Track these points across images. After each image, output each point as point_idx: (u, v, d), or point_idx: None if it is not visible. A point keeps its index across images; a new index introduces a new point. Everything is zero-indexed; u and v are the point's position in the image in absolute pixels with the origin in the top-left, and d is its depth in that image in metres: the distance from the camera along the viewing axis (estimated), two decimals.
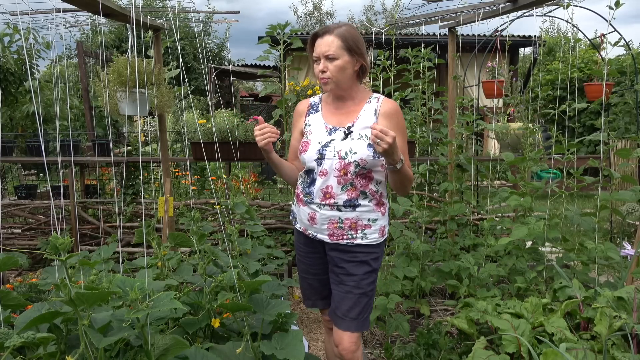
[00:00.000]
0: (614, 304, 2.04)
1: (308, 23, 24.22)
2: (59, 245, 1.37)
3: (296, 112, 2.08)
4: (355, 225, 1.89)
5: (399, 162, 1.76)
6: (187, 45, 12.91)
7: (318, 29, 1.90)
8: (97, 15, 2.85)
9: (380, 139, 1.65)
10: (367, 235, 1.90)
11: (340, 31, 1.83)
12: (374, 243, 1.92)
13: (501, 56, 4.41)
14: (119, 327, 1.48)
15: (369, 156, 1.83)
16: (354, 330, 1.91)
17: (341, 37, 1.82)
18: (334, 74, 1.85)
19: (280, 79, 3.70)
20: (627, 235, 4.91)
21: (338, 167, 1.85)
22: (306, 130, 1.99)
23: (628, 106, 6.39)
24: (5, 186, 5.83)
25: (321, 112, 1.99)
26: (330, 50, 1.82)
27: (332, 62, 1.83)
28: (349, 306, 1.90)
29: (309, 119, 2.00)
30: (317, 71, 1.88)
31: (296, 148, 2.02)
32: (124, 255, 3.52)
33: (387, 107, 1.90)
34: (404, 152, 1.87)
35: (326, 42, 1.83)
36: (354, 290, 1.89)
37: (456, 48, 3.66)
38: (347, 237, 1.90)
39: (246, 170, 6.96)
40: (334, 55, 1.82)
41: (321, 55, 1.84)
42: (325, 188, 1.87)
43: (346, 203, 1.87)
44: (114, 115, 3.11)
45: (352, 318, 1.90)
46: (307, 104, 2.05)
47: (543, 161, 3.23)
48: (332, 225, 1.90)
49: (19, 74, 5.10)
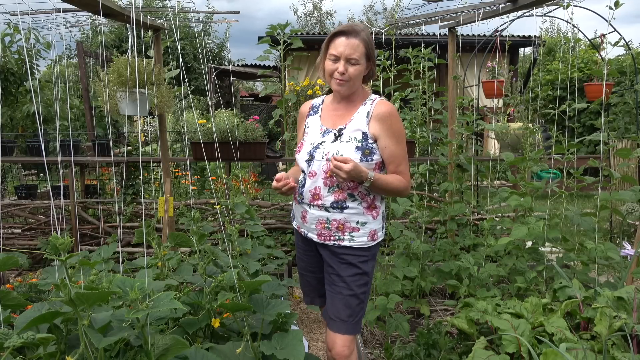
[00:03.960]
0: (614, 304, 2.04)
1: (308, 23, 24.22)
2: (59, 245, 1.37)
3: (300, 114, 2.10)
4: (342, 227, 1.88)
5: (367, 180, 1.79)
6: (187, 45, 12.91)
7: (343, 26, 1.84)
8: (97, 15, 2.85)
9: (339, 168, 1.72)
10: (355, 237, 1.89)
11: (364, 36, 1.81)
12: (362, 246, 1.90)
13: (501, 56, 4.41)
14: (119, 327, 1.48)
15: (355, 159, 1.80)
16: (345, 333, 1.90)
17: (365, 44, 1.81)
18: (352, 77, 1.83)
19: (280, 79, 3.70)
20: (627, 235, 4.91)
21: (325, 169, 1.86)
22: (305, 132, 2.01)
23: (628, 106, 6.39)
24: (6, 186, 5.83)
25: (320, 113, 2.00)
26: (355, 54, 1.79)
27: (353, 66, 1.81)
28: (339, 307, 1.89)
29: (308, 120, 2.02)
30: (331, 69, 1.83)
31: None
32: (124, 255, 3.53)
33: (380, 110, 1.86)
34: (398, 156, 1.87)
35: (352, 45, 1.79)
36: (344, 291, 1.89)
37: (456, 48, 3.66)
38: (334, 238, 1.90)
39: (246, 170, 6.96)
40: (356, 60, 1.80)
41: (343, 56, 1.80)
42: (313, 189, 1.88)
43: (333, 205, 1.87)
44: (114, 115, 3.11)
45: (342, 320, 1.89)
46: (309, 106, 2.06)
47: (543, 161, 3.23)
48: (320, 225, 1.91)
49: (19, 74, 5.10)
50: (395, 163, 1.88)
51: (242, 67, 11.56)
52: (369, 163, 1.84)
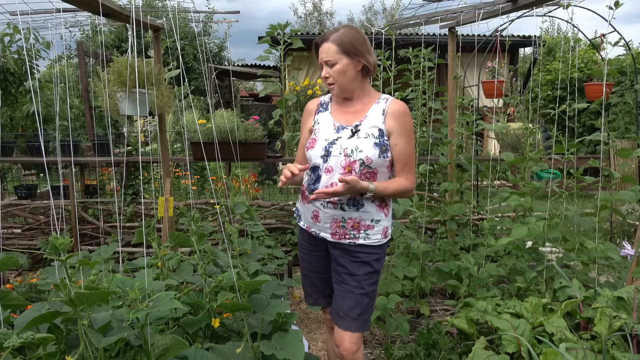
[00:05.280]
0: (614, 304, 2.04)
1: (308, 23, 24.21)
2: (59, 245, 1.37)
3: (306, 111, 2.11)
4: (358, 225, 1.90)
5: (369, 191, 1.84)
6: (187, 45, 12.91)
7: (318, 37, 1.96)
8: (97, 15, 2.85)
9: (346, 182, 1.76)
10: (370, 235, 1.91)
11: (336, 36, 1.87)
12: (376, 244, 1.92)
13: (501, 56, 4.41)
14: (118, 327, 1.48)
15: (374, 155, 1.84)
16: (355, 331, 1.91)
17: (337, 42, 1.86)
18: (336, 79, 1.90)
19: (281, 79, 3.70)
20: (627, 235, 4.90)
21: (343, 165, 1.86)
22: (315, 128, 2.01)
23: (628, 106, 6.40)
24: (5, 186, 5.83)
25: (330, 110, 2.02)
26: (328, 56, 1.88)
27: (332, 67, 1.89)
28: (350, 306, 1.90)
29: (318, 117, 2.03)
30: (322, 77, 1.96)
31: (305, 146, 2.03)
32: (124, 255, 3.53)
33: (395, 108, 1.91)
34: (406, 154, 1.90)
35: (324, 49, 1.89)
36: (355, 290, 1.90)
37: (456, 48, 3.66)
38: (350, 236, 1.90)
39: (246, 170, 6.96)
40: (332, 61, 1.88)
41: (322, 62, 1.91)
42: (330, 185, 1.88)
43: (350, 202, 1.88)
44: (114, 115, 3.11)
45: (352, 318, 1.90)
46: (317, 103, 2.08)
47: (543, 161, 3.23)
48: (334, 224, 1.91)
49: (19, 74, 5.09)
50: (402, 162, 1.90)
51: (242, 67, 11.57)
52: (385, 160, 1.87)
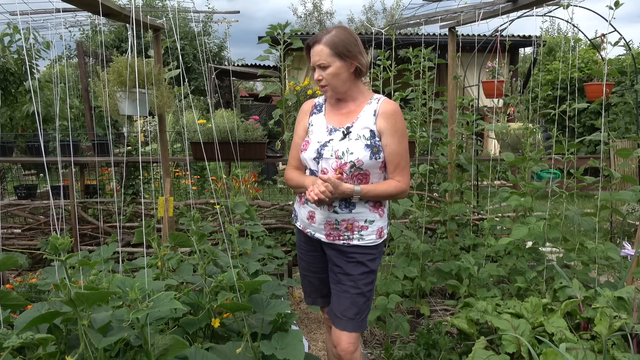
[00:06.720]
0: (614, 304, 2.04)
1: (308, 23, 24.21)
2: (58, 245, 1.37)
3: (301, 111, 2.11)
4: (351, 227, 1.90)
5: (354, 195, 1.84)
6: (187, 45, 12.91)
7: (310, 39, 1.95)
8: (97, 15, 2.84)
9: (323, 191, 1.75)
10: (364, 236, 1.91)
11: (328, 38, 1.87)
12: (371, 244, 1.92)
13: (501, 56, 4.41)
14: (118, 327, 1.48)
15: (365, 157, 1.84)
16: (352, 331, 1.92)
17: (329, 45, 1.86)
18: (329, 81, 1.90)
19: (280, 79, 3.70)
20: (627, 235, 4.91)
21: (334, 167, 1.87)
22: (309, 129, 2.02)
23: (628, 106, 6.39)
24: (5, 186, 5.83)
25: (324, 112, 2.02)
26: (320, 59, 1.87)
27: (325, 70, 1.88)
28: (346, 306, 1.91)
29: (312, 118, 2.03)
30: (315, 79, 1.95)
31: (299, 145, 2.04)
32: (124, 255, 3.53)
33: (386, 108, 1.91)
34: (398, 155, 1.89)
35: (316, 52, 1.88)
36: (351, 290, 1.91)
37: (456, 48, 3.66)
38: (344, 237, 1.91)
39: (246, 170, 6.96)
40: (324, 63, 1.87)
41: (315, 65, 1.91)
42: None
43: (341, 204, 1.88)
44: (114, 115, 3.11)
45: (349, 318, 1.91)
46: (312, 104, 2.08)
47: (543, 161, 3.23)
48: (328, 226, 1.92)
49: (19, 74, 5.09)
50: (394, 163, 1.89)
51: (242, 67, 11.56)
52: (377, 161, 1.87)
